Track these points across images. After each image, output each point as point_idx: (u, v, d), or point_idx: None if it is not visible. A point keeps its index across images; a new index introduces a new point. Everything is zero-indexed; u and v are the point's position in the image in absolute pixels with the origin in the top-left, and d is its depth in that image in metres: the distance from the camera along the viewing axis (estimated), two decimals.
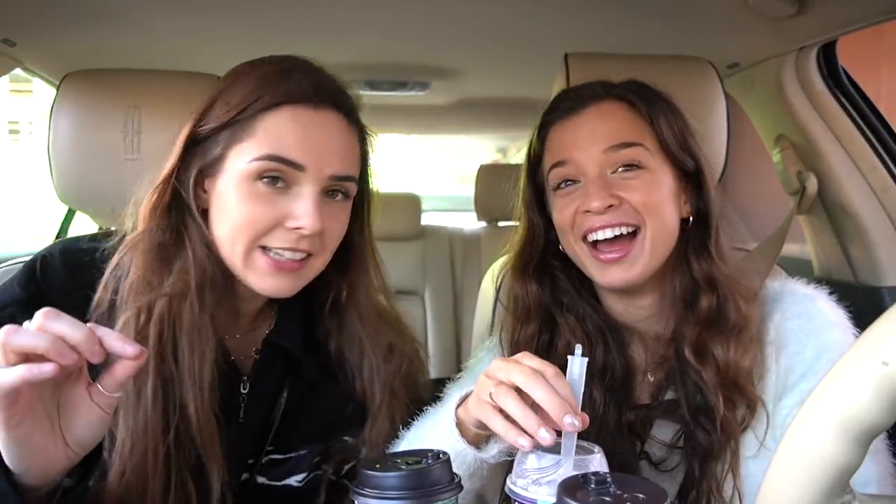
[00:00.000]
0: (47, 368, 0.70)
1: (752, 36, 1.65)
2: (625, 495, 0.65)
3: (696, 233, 1.08)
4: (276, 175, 0.97)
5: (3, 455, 0.76)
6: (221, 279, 1.01)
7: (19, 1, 1.50)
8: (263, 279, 1.00)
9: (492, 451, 0.92)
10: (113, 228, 1.06)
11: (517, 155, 4.59)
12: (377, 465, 0.80)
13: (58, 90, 1.47)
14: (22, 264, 1.03)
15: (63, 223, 2.50)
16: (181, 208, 1.01)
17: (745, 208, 2.28)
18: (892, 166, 1.70)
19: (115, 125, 1.42)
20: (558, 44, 1.52)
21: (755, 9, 1.46)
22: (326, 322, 1.13)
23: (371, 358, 1.11)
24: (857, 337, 1.02)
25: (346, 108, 1.04)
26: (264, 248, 0.99)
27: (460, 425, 0.94)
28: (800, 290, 1.08)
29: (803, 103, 1.72)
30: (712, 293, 1.05)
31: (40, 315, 0.73)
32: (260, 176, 0.97)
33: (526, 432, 0.80)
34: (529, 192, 1.15)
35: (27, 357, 0.71)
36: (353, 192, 1.05)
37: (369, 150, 1.11)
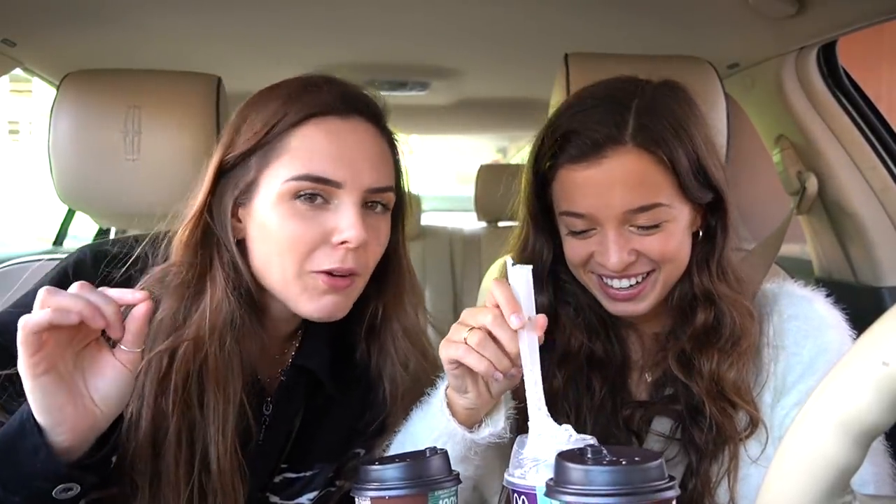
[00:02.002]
0: (73, 316, 0.76)
1: (752, 36, 1.65)
2: (621, 459, 0.67)
3: (703, 247, 1.06)
4: (314, 192, 0.95)
5: (33, 408, 0.78)
6: (249, 316, 0.98)
7: (19, 1, 1.50)
8: (319, 300, 0.97)
9: (483, 434, 0.93)
10: (136, 232, 1.05)
11: (517, 155, 4.59)
12: (376, 462, 0.81)
13: (58, 90, 1.47)
14: (20, 265, 1.03)
15: (63, 223, 2.50)
16: (210, 245, 0.99)
17: (745, 208, 2.28)
18: (892, 166, 1.70)
19: (115, 125, 1.42)
20: (558, 44, 1.52)
21: (755, 9, 1.46)
22: (361, 341, 1.10)
23: (400, 378, 1.08)
24: (854, 339, 1.03)
25: (375, 116, 1.01)
26: (314, 270, 0.97)
27: (451, 405, 0.94)
28: (797, 291, 1.08)
29: (803, 103, 1.72)
30: (709, 308, 1.03)
31: (77, 285, 0.78)
32: (296, 195, 0.95)
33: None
34: (537, 209, 1.09)
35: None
36: (391, 203, 1.02)
37: (400, 156, 1.07)
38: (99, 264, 1.00)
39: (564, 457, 0.69)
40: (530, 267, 0.87)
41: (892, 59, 3.03)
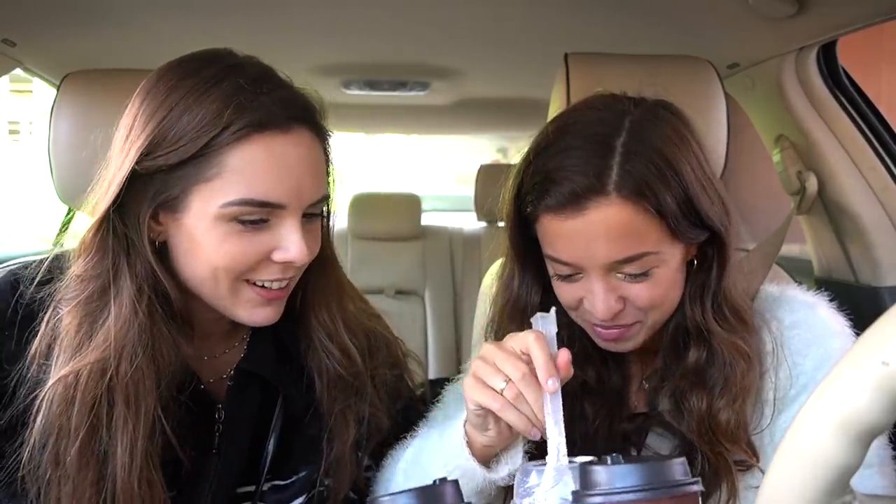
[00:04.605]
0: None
1: (752, 36, 1.65)
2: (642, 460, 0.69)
3: (698, 278, 1.01)
4: (256, 217, 0.91)
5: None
6: (168, 324, 0.94)
7: (19, 1, 1.50)
8: (254, 311, 0.96)
9: (501, 473, 0.91)
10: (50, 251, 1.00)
11: (517, 155, 4.59)
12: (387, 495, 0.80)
13: (58, 90, 1.47)
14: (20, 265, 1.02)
15: (63, 223, 2.50)
16: (118, 252, 0.91)
17: (745, 208, 2.28)
18: (892, 166, 1.70)
19: (115, 125, 1.42)
20: (558, 44, 1.52)
21: (755, 9, 1.46)
22: (297, 332, 1.07)
23: (327, 368, 1.05)
24: None
25: (314, 122, 0.97)
26: (250, 281, 0.95)
27: (470, 444, 0.92)
28: (798, 297, 1.04)
29: (803, 103, 1.72)
30: (702, 346, 1.00)
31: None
32: (235, 218, 0.90)
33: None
34: (521, 248, 1.04)
35: None
36: (324, 206, 1.00)
37: (330, 152, 1.02)
38: (16, 289, 0.96)
39: (587, 464, 0.69)
40: (554, 312, 0.87)
41: (892, 59, 3.03)
